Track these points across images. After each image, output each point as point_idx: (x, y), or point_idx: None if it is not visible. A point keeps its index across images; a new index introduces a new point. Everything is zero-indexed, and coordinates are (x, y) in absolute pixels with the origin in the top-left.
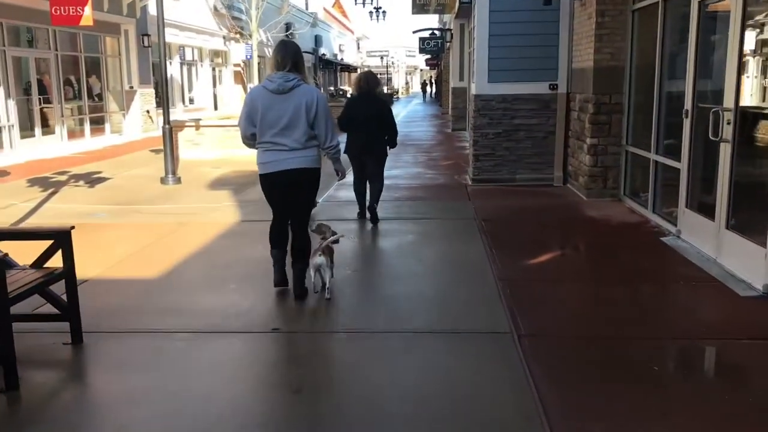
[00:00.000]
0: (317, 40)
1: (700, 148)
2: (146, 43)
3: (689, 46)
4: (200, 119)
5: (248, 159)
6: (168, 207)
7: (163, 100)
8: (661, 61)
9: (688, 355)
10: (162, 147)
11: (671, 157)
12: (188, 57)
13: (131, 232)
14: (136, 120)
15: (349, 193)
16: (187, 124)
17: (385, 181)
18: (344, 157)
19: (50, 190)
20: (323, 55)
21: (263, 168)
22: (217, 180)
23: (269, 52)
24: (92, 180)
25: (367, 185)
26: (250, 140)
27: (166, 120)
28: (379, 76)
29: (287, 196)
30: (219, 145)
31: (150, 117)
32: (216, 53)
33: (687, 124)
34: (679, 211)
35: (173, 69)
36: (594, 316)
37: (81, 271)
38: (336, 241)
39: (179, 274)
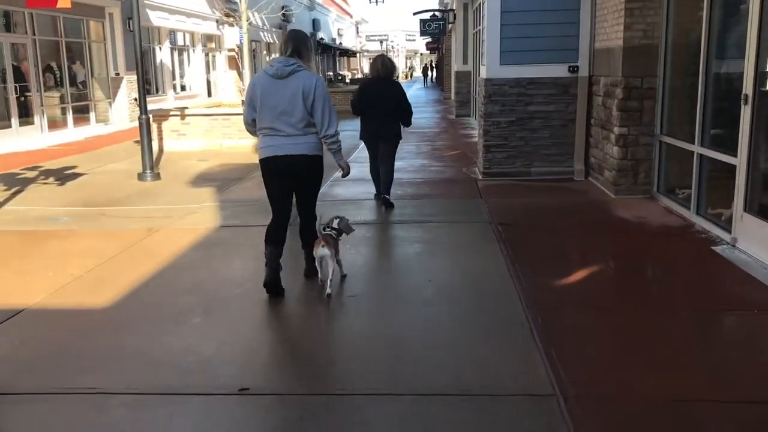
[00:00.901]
0: (315, 24)
1: (764, 140)
2: (132, 27)
3: (750, 18)
4: (186, 107)
5: (237, 150)
6: (140, 209)
7: (138, 88)
8: (709, 36)
9: None
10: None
11: (722, 150)
12: (179, 42)
13: (92, 241)
14: (123, 108)
15: (347, 191)
16: (171, 113)
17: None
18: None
19: (15, 189)
20: (321, 39)
21: (262, 153)
22: (201, 175)
23: (264, 36)
24: (64, 176)
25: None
26: (251, 126)
27: (143, 110)
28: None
29: (287, 186)
30: (206, 135)
31: (138, 105)
32: (209, 37)
33: (746, 111)
34: (734, 215)
35: (163, 54)
36: (657, 363)
37: (20, 298)
38: (338, 231)
39: (134, 301)
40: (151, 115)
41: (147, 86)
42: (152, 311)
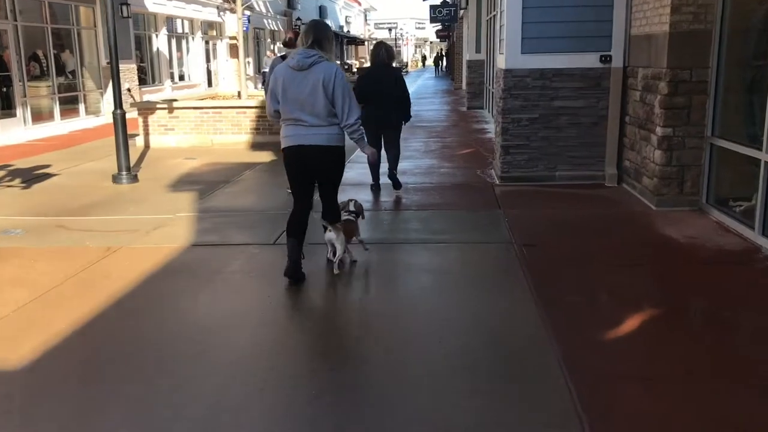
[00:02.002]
0: (322, 12)
1: None
2: (125, 13)
3: None
4: (175, 100)
5: (228, 147)
6: (105, 220)
7: (113, 78)
8: None
9: None
10: (135, 131)
11: None
12: (178, 29)
13: (37, 264)
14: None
15: (343, 197)
16: (158, 105)
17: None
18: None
19: None
20: None
21: (284, 141)
22: (184, 176)
23: (268, 23)
24: (32, 177)
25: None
26: (275, 117)
27: (117, 104)
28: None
29: (308, 175)
30: (196, 129)
31: (131, 95)
32: (210, 24)
33: None
34: None
35: (159, 42)
36: None
37: None
38: (356, 213)
39: (55, 361)
40: (135, 108)
41: (143, 75)
42: (71, 382)
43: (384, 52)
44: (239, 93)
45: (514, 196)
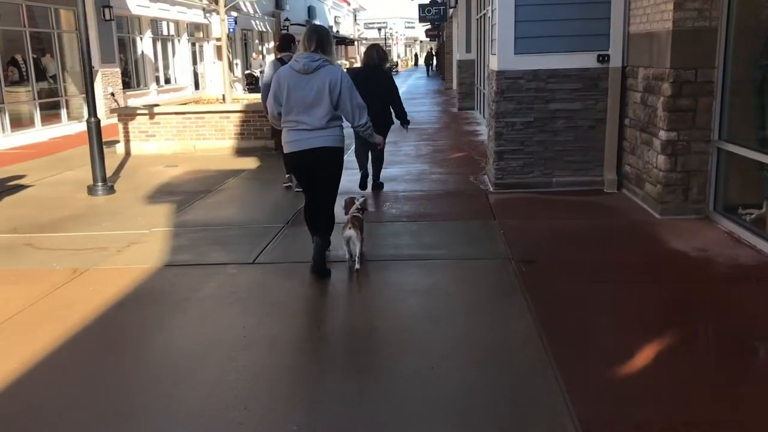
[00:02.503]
0: (310, 12)
1: None
2: (108, 16)
3: None
4: (157, 104)
5: (211, 153)
6: (76, 237)
7: (85, 84)
8: None
9: None
10: (115, 138)
11: None
12: (164, 31)
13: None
14: (98, 104)
15: None
16: (138, 111)
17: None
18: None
19: None
20: None
21: (287, 147)
22: (163, 186)
23: (256, 24)
24: (4, 190)
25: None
26: (277, 119)
27: (92, 112)
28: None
29: (312, 174)
30: (178, 135)
31: (115, 100)
32: (196, 26)
33: None
34: None
35: (144, 45)
36: None
37: None
38: (362, 209)
39: None
40: (116, 114)
41: (127, 79)
42: None
43: (376, 55)
44: (223, 97)
45: (509, 204)
